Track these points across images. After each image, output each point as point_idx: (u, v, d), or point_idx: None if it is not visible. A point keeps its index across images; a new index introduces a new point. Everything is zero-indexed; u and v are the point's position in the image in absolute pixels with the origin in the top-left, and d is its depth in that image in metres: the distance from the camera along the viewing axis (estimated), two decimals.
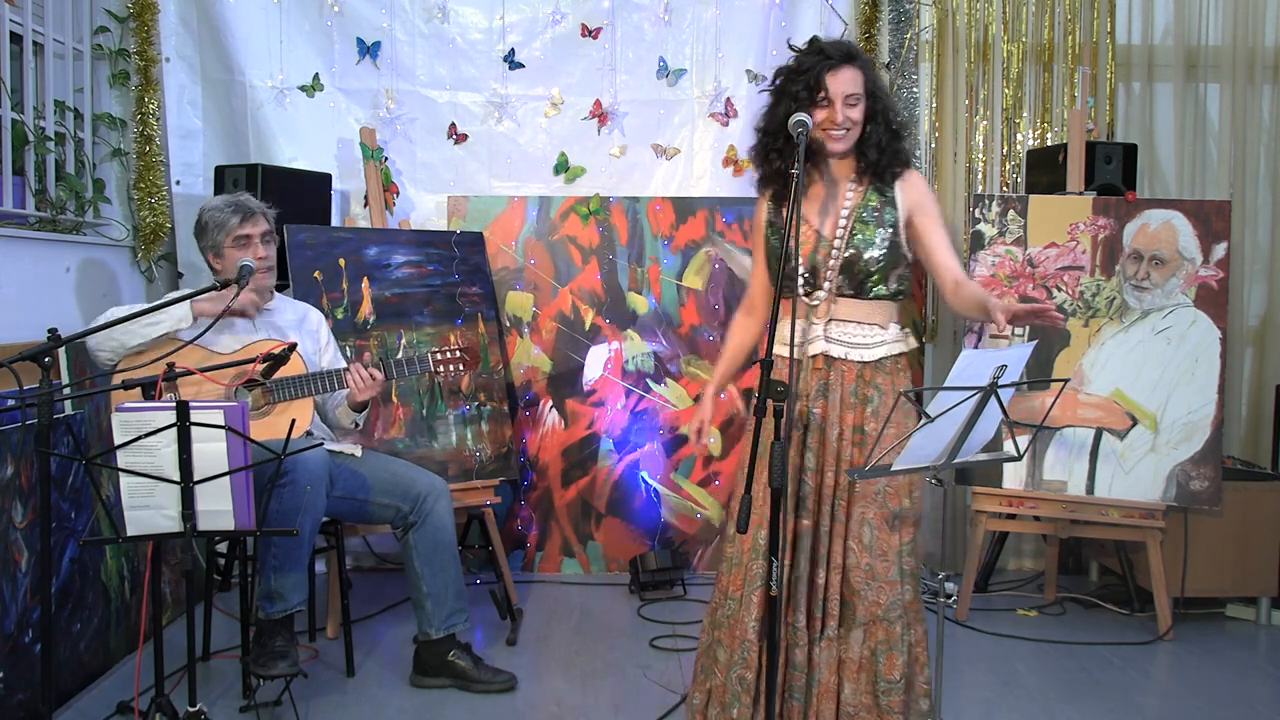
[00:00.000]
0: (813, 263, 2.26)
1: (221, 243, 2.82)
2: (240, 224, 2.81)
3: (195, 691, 2.24)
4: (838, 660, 2.23)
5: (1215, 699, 2.94)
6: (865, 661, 2.22)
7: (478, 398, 3.66)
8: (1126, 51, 4.18)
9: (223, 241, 2.81)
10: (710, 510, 4.03)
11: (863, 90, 2.22)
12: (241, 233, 2.81)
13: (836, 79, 2.19)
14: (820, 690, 2.22)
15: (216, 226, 2.82)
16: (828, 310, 2.26)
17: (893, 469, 1.98)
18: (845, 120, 2.20)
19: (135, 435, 2.00)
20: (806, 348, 2.27)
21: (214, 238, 2.83)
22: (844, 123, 2.20)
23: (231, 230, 2.81)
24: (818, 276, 2.26)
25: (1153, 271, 3.54)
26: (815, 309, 2.27)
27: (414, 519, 2.87)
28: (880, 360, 2.25)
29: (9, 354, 2.20)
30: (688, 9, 4.08)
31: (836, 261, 2.23)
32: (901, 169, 2.28)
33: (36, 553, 2.60)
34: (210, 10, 3.90)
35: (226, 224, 2.81)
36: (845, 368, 2.24)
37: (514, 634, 3.33)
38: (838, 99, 2.19)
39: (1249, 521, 3.52)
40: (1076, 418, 3.51)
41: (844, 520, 2.22)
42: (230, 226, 2.80)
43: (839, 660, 2.23)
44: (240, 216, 2.81)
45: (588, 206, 4.02)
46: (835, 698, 2.22)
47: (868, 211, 2.25)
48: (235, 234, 2.81)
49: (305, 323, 3.05)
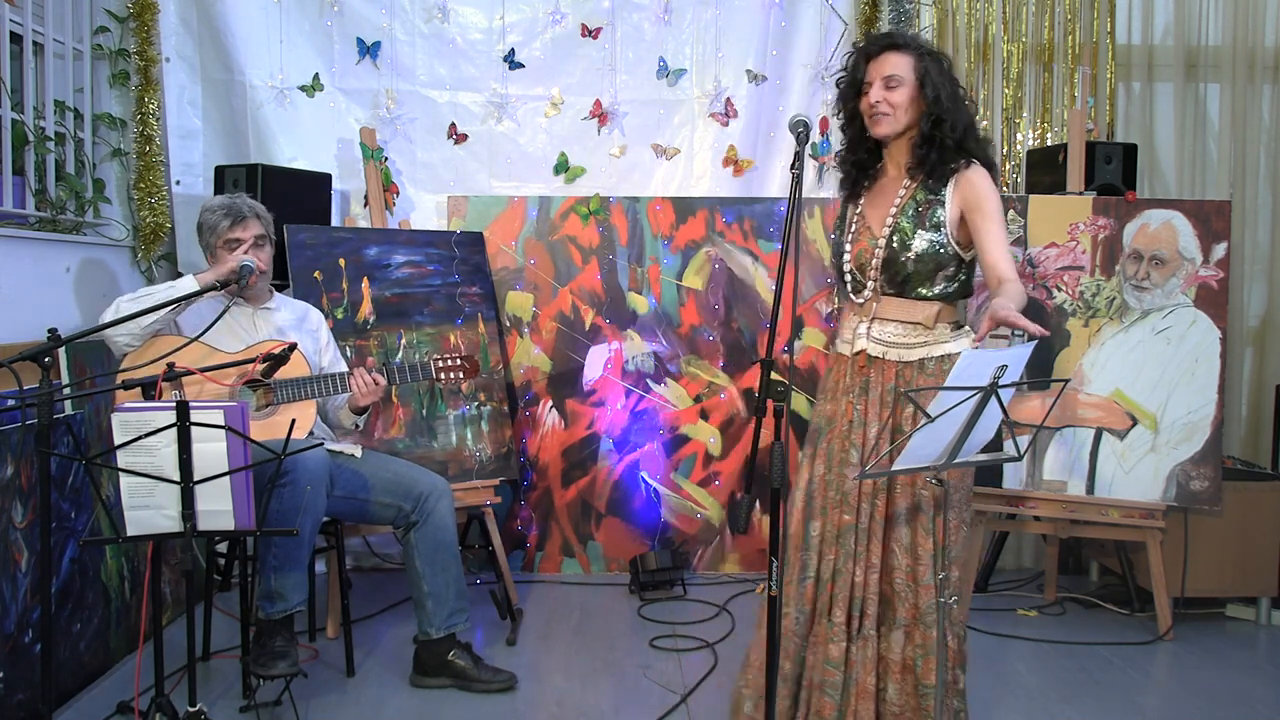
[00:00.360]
0: (860, 261, 2.27)
1: (213, 244, 2.83)
2: (230, 227, 2.81)
3: (195, 691, 2.24)
4: (876, 660, 2.22)
5: (1215, 699, 2.94)
6: (909, 663, 2.21)
7: (478, 398, 3.66)
8: (1126, 51, 4.18)
9: (214, 243, 2.83)
10: (710, 510, 4.04)
11: (911, 76, 2.19)
12: (231, 236, 2.81)
13: (876, 64, 2.20)
14: (858, 690, 2.20)
15: (209, 229, 2.84)
16: (872, 309, 2.26)
17: (893, 469, 1.97)
18: (881, 103, 2.18)
19: (135, 435, 2.00)
20: (853, 344, 2.28)
21: (207, 239, 2.85)
22: (880, 105, 2.19)
23: (222, 233, 2.81)
24: (864, 275, 2.26)
25: (1153, 271, 3.54)
26: (861, 307, 2.28)
27: (416, 518, 2.87)
28: (921, 361, 2.23)
29: (9, 354, 2.20)
30: (688, 9, 4.08)
31: (878, 260, 2.23)
32: (959, 166, 2.22)
33: (36, 553, 2.61)
34: (210, 10, 3.90)
35: (217, 227, 2.82)
36: (884, 366, 2.24)
37: (514, 634, 3.33)
38: (875, 81, 2.19)
39: (1249, 521, 3.52)
40: (1076, 418, 3.51)
41: (882, 520, 2.22)
42: (221, 230, 2.81)
43: (880, 660, 2.22)
44: (231, 220, 2.81)
45: (588, 206, 4.02)
46: (874, 699, 2.20)
47: (912, 209, 2.23)
48: (225, 237, 2.81)
49: (305, 322, 3.06)
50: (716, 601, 3.68)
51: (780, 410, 1.97)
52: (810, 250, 4.06)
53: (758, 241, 4.05)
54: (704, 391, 4.04)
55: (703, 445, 4.04)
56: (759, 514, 3.99)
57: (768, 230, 4.05)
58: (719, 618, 3.54)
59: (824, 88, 4.12)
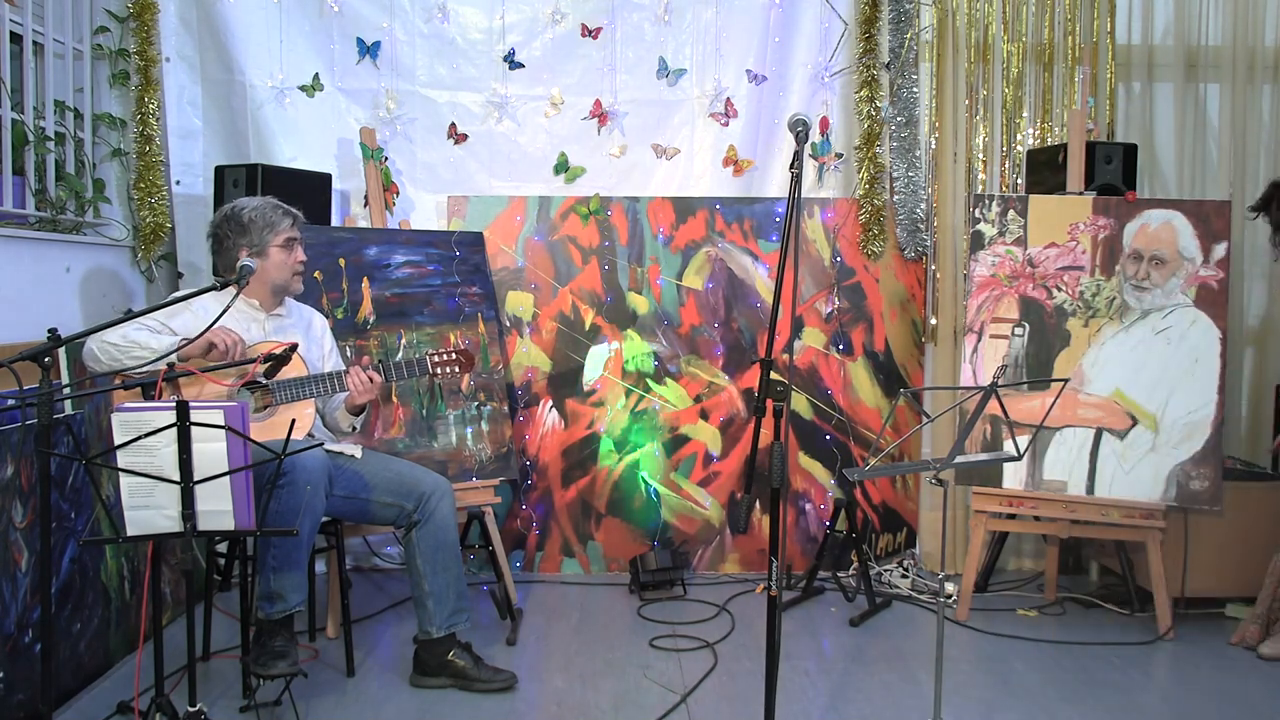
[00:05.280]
0: None
1: (269, 242, 2.87)
2: (291, 226, 2.91)
3: (195, 691, 2.24)
4: None
5: (1215, 699, 2.94)
6: None
7: (478, 398, 3.66)
8: (1126, 51, 4.18)
9: (270, 240, 2.87)
10: (710, 510, 4.04)
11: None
12: (292, 235, 2.91)
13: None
14: None
15: (266, 226, 2.87)
16: None
17: (893, 469, 1.97)
18: None
19: (135, 435, 2.00)
20: None
21: (261, 236, 2.87)
22: None
23: (283, 232, 2.89)
24: None
25: (1153, 271, 3.54)
26: None
27: (418, 518, 2.88)
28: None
29: (9, 354, 2.20)
30: (688, 9, 4.08)
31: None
32: None
33: (36, 553, 2.61)
34: (210, 10, 3.90)
35: (278, 225, 2.88)
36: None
37: (514, 634, 3.33)
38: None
39: (1249, 521, 3.52)
40: (1076, 418, 3.51)
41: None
42: (282, 228, 2.89)
43: None
44: (291, 220, 2.92)
45: (588, 206, 4.02)
46: None
47: None
48: (287, 235, 2.90)
49: (311, 328, 3.07)
50: (716, 601, 3.69)
51: (780, 410, 1.97)
52: (810, 250, 4.06)
53: (758, 241, 4.05)
54: (704, 391, 4.04)
55: (703, 445, 4.04)
56: (759, 514, 3.99)
57: (768, 230, 4.05)
58: (719, 618, 3.54)
59: (824, 88, 4.12)
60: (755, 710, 2.55)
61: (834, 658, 3.19)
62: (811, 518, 4.07)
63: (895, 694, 2.90)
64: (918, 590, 3.84)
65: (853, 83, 4.04)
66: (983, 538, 3.58)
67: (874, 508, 4.15)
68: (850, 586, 3.82)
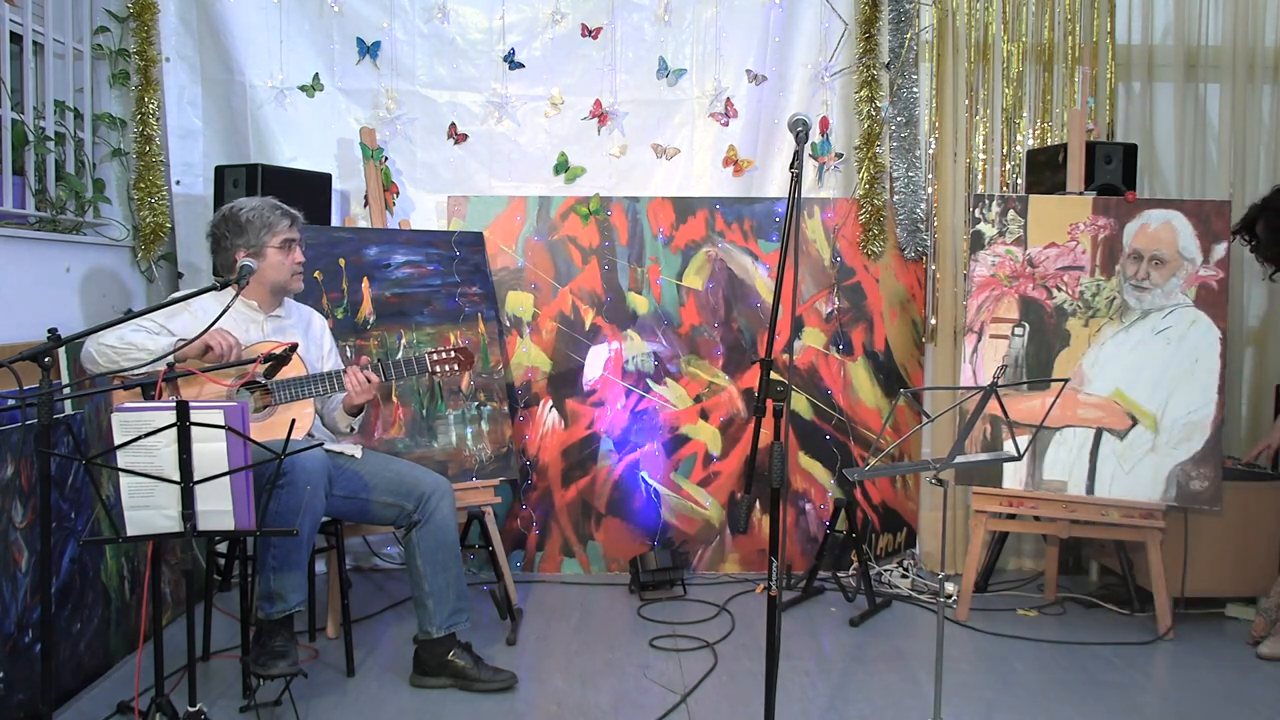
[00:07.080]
0: None
1: (265, 243, 2.86)
2: (289, 228, 2.89)
3: (195, 691, 2.24)
4: None
5: (1215, 699, 2.94)
6: None
7: (478, 398, 3.66)
8: (1126, 51, 4.18)
9: (267, 241, 2.86)
10: (710, 510, 4.04)
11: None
12: (289, 236, 2.89)
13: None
14: None
15: (264, 226, 2.86)
16: None
17: (893, 469, 1.97)
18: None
19: (135, 435, 2.00)
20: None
21: (259, 237, 2.86)
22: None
23: (281, 232, 2.88)
24: None
25: (1153, 271, 3.54)
26: None
27: (418, 518, 2.88)
28: None
29: (9, 354, 2.20)
30: (688, 9, 4.08)
31: None
32: None
33: (36, 553, 2.61)
34: (210, 10, 3.90)
35: (276, 226, 2.86)
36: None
37: (514, 634, 3.33)
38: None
39: (1249, 521, 3.52)
40: (1076, 418, 3.51)
41: None
42: (280, 229, 2.87)
43: None
44: (290, 221, 2.90)
45: (588, 206, 4.02)
46: None
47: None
48: (284, 236, 2.88)
49: (310, 328, 3.06)
50: (716, 601, 3.69)
51: (780, 410, 1.97)
52: (810, 250, 4.06)
53: (758, 241, 4.05)
54: (704, 391, 4.04)
55: (703, 445, 4.04)
56: (759, 514, 3.99)
57: (768, 230, 4.05)
58: (719, 618, 3.54)
59: (824, 88, 4.12)
60: (755, 710, 2.55)
61: (834, 658, 3.19)
62: (811, 518, 4.07)
63: (895, 694, 2.90)
64: (918, 590, 3.84)
65: (853, 83, 4.04)
66: (983, 538, 3.58)
67: (874, 508, 4.15)
68: (850, 586, 3.82)
